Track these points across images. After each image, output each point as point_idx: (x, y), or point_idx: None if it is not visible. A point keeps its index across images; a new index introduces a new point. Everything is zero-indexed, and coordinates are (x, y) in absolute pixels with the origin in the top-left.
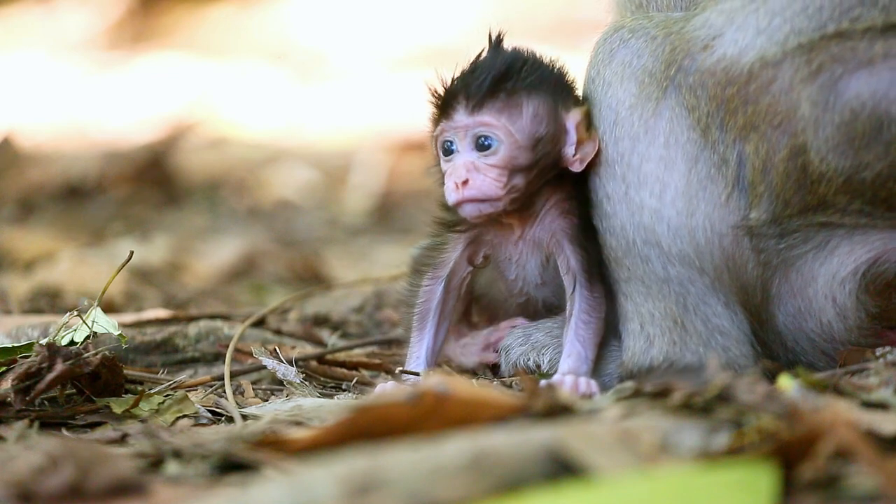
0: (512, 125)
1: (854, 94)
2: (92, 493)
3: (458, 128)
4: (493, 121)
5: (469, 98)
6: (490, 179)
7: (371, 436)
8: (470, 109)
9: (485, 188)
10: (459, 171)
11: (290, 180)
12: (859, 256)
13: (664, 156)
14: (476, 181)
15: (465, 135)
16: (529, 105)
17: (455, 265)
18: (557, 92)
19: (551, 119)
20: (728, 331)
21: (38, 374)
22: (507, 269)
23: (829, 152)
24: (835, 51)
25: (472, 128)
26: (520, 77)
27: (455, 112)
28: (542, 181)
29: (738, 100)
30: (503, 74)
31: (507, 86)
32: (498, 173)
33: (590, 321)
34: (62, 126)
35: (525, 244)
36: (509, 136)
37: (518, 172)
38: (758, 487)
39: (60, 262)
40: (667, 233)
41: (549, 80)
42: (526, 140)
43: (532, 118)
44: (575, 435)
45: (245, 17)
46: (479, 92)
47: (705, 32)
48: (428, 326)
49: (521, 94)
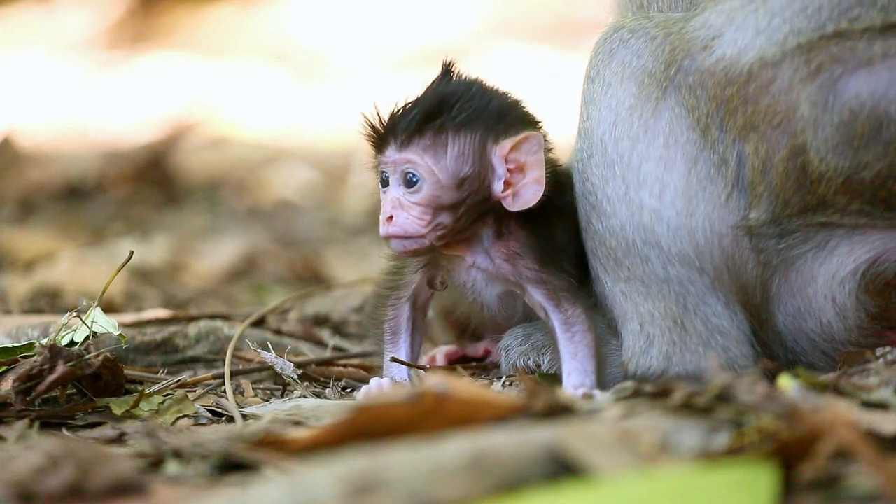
0: (435, 164)
1: (853, 93)
2: (92, 493)
3: (388, 162)
4: (418, 159)
5: (398, 134)
6: (412, 217)
7: (371, 436)
8: (398, 145)
9: (406, 225)
10: (386, 207)
11: (290, 180)
12: (859, 256)
13: (664, 156)
14: (399, 218)
15: (395, 170)
16: (455, 144)
17: (417, 287)
18: (489, 127)
19: (477, 157)
20: (728, 331)
21: (40, 375)
22: (465, 292)
23: (828, 152)
24: (834, 51)
25: (399, 164)
26: (450, 115)
27: (387, 147)
28: (473, 217)
29: (737, 100)
30: (432, 112)
31: (434, 123)
32: (421, 211)
33: (574, 335)
34: (62, 126)
35: (478, 273)
36: (432, 175)
37: (443, 210)
38: (758, 487)
39: (60, 262)
40: (666, 233)
41: (482, 116)
42: (449, 179)
43: (456, 157)
44: (575, 435)
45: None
46: (408, 129)
47: (705, 33)
48: (402, 338)
49: (448, 133)
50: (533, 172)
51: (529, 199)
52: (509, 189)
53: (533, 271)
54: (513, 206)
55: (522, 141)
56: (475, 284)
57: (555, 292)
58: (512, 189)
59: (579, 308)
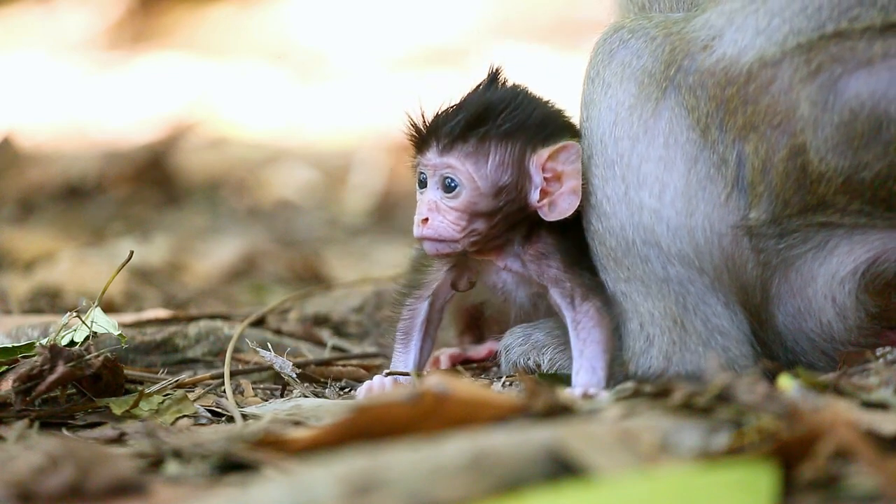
0: (476, 172)
1: (853, 93)
2: (92, 493)
3: (428, 165)
4: (459, 165)
5: (441, 138)
6: (448, 222)
7: (371, 436)
8: (440, 150)
9: (441, 230)
10: (422, 209)
11: (290, 180)
12: (858, 256)
13: (664, 156)
14: (434, 221)
15: (434, 173)
16: (497, 153)
17: (438, 287)
18: (530, 137)
19: (517, 167)
20: (728, 331)
21: (40, 375)
22: (495, 294)
23: (828, 152)
24: (834, 51)
25: (439, 168)
26: (494, 123)
27: (428, 149)
28: (508, 225)
29: (737, 100)
30: (477, 119)
31: (478, 131)
32: (457, 216)
33: (581, 332)
34: (62, 126)
35: (509, 276)
36: (471, 182)
37: (479, 217)
38: (758, 487)
39: (60, 262)
40: (666, 233)
41: (524, 126)
42: (488, 188)
43: (497, 166)
44: (575, 435)
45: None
46: (451, 134)
47: (705, 33)
48: (413, 341)
49: (491, 141)
50: (570, 182)
51: (566, 209)
52: (546, 199)
53: (555, 271)
54: (549, 215)
55: (560, 150)
56: (506, 286)
57: (569, 290)
58: (548, 199)
59: (591, 305)
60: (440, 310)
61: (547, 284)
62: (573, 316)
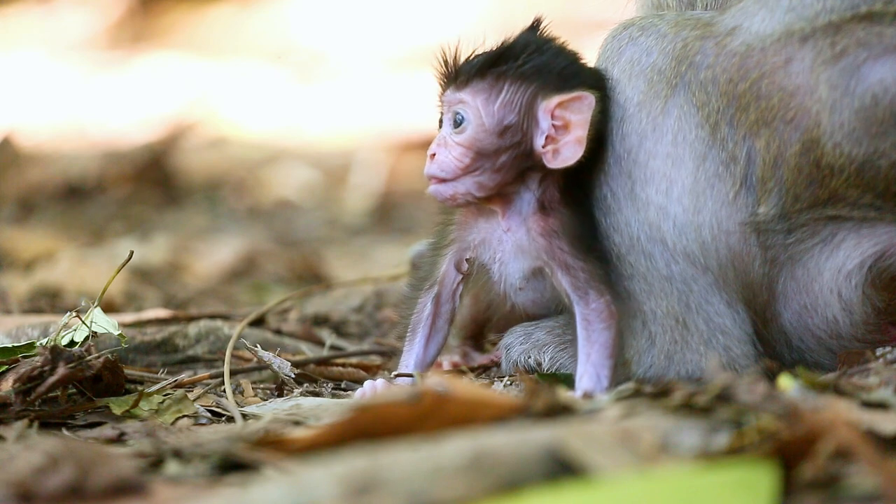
0: (484, 108)
1: (878, 79)
2: (92, 493)
3: (445, 101)
4: (469, 99)
5: (459, 74)
6: (452, 157)
7: (371, 436)
8: (457, 85)
9: (445, 164)
10: (433, 145)
11: (290, 180)
12: (865, 250)
13: (672, 153)
14: (440, 156)
15: (449, 109)
16: (508, 92)
17: (444, 275)
18: (546, 82)
19: (526, 110)
20: (730, 330)
21: (40, 376)
22: (491, 270)
23: (843, 138)
24: (861, 35)
25: (453, 104)
26: (514, 63)
27: (448, 87)
28: (515, 170)
29: (749, 95)
30: (497, 58)
31: (495, 70)
32: (462, 152)
33: (591, 334)
34: (62, 126)
35: (509, 242)
36: (478, 118)
37: (483, 156)
38: (758, 487)
39: (60, 262)
40: (672, 230)
41: (543, 71)
42: (493, 125)
43: (505, 105)
44: (575, 435)
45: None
46: (470, 70)
47: (733, 20)
48: (417, 338)
49: (506, 80)
50: (576, 132)
51: (568, 158)
52: (550, 145)
53: (565, 253)
54: (552, 162)
55: (573, 100)
56: (503, 256)
57: (583, 282)
58: (553, 146)
59: (604, 302)
60: (449, 300)
61: (555, 267)
62: (584, 312)
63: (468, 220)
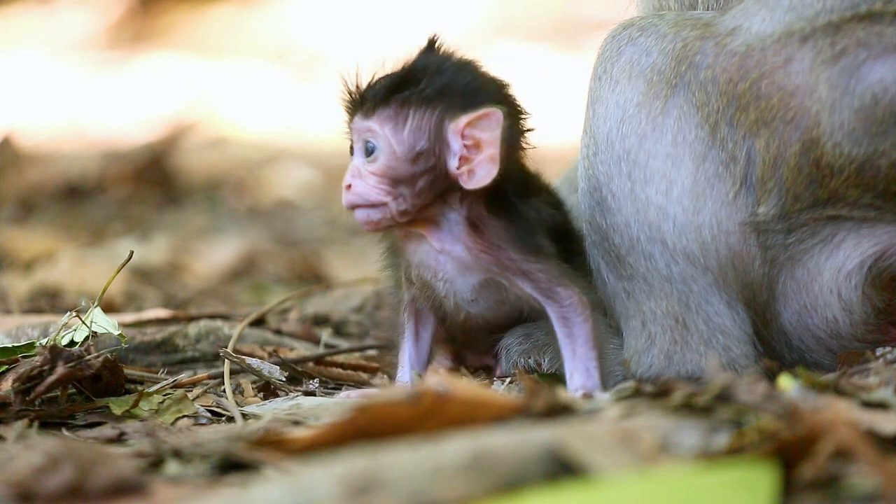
0: (393, 136)
1: (877, 78)
2: (92, 493)
3: (354, 129)
4: (378, 128)
5: (364, 102)
6: (370, 186)
7: (371, 436)
8: (364, 113)
9: (364, 193)
10: (347, 175)
11: (290, 180)
12: (865, 250)
13: (671, 153)
14: (357, 187)
15: (359, 137)
16: (415, 118)
17: (405, 285)
18: (451, 103)
19: (435, 133)
20: (729, 330)
21: (39, 376)
22: (436, 286)
23: (843, 138)
24: (861, 35)
25: (363, 132)
26: (416, 88)
27: (356, 114)
28: (433, 193)
29: (749, 95)
30: (400, 83)
31: (399, 96)
32: (377, 181)
33: (572, 330)
34: (62, 126)
35: (447, 259)
36: (388, 146)
37: (400, 183)
38: (758, 487)
39: (60, 262)
40: (672, 230)
41: (446, 92)
42: (404, 152)
43: (413, 131)
44: (575, 435)
45: (245, 17)
46: (375, 98)
47: (733, 21)
48: (407, 339)
49: (411, 106)
50: (488, 150)
51: (483, 178)
52: (465, 166)
53: (517, 262)
54: (468, 183)
55: (480, 118)
56: (446, 274)
57: (545, 282)
58: (467, 166)
59: (574, 295)
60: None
61: (512, 277)
62: (559, 311)
63: (403, 243)
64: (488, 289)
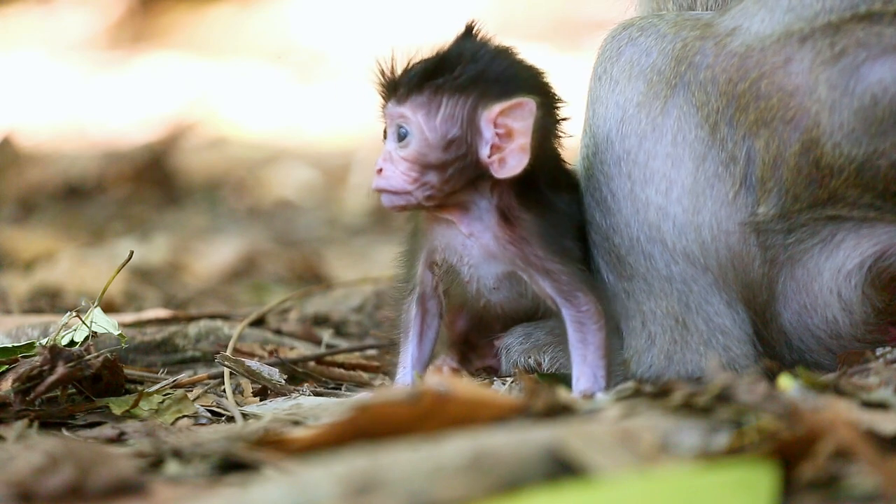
0: (426, 122)
1: (877, 79)
2: (92, 493)
3: (388, 115)
4: (410, 114)
5: (399, 88)
6: (399, 172)
7: (371, 436)
8: (398, 99)
9: (393, 180)
10: (379, 159)
11: (290, 180)
12: (865, 250)
13: (671, 153)
14: (387, 171)
15: (392, 123)
16: (448, 105)
17: (421, 277)
18: (485, 91)
19: (468, 121)
20: (729, 330)
21: (39, 376)
22: (461, 271)
23: (843, 138)
24: (860, 35)
25: (395, 118)
26: (451, 75)
27: (390, 99)
28: (463, 180)
29: (749, 95)
30: (435, 70)
31: (434, 82)
32: (407, 167)
33: (585, 336)
34: (62, 126)
35: (474, 244)
36: (421, 133)
37: (430, 169)
38: (758, 487)
39: (60, 262)
40: (672, 230)
41: (480, 80)
42: (437, 139)
43: (447, 118)
44: (575, 435)
45: (245, 17)
46: (409, 84)
47: (732, 21)
48: (410, 337)
49: (444, 93)
50: (520, 139)
51: (514, 167)
52: (496, 154)
53: (542, 259)
54: (498, 172)
55: (513, 107)
56: (472, 259)
57: (567, 285)
58: (498, 155)
59: (592, 302)
60: (433, 298)
61: (534, 273)
62: (576, 315)
63: (431, 225)
64: (510, 280)
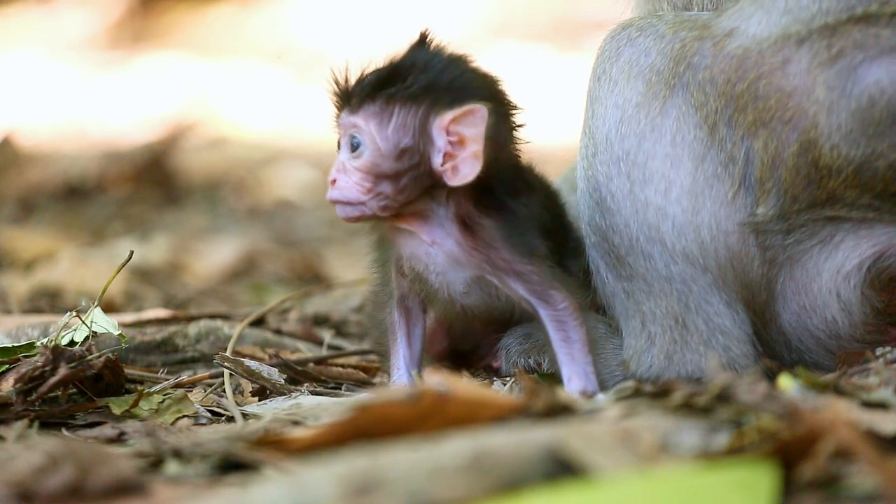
0: (378, 132)
1: (874, 80)
2: (92, 493)
3: (341, 124)
4: (363, 124)
5: (352, 98)
6: (353, 182)
7: (371, 436)
8: (350, 109)
9: (346, 191)
10: (332, 169)
11: (290, 180)
12: (864, 251)
13: (670, 153)
14: (341, 182)
15: (345, 133)
16: (400, 114)
17: (396, 280)
18: (436, 100)
19: (420, 130)
20: (729, 330)
21: (41, 376)
22: (429, 279)
23: (841, 140)
24: (857, 37)
25: (348, 128)
26: (403, 84)
27: (343, 109)
28: (418, 189)
29: (747, 96)
30: (387, 79)
31: (386, 92)
32: (361, 177)
33: (568, 334)
34: (62, 126)
35: (438, 252)
36: (373, 143)
37: (383, 179)
38: (758, 487)
39: (60, 262)
40: (671, 230)
41: (432, 88)
42: (389, 149)
43: (398, 128)
44: (575, 435)
45: (245, 17)
46: (361, 94)
47: (729, 23)
48: (399, 339)
49: (396, 102)
50: (472, 146)
51: (467, 175)
52: (449, 162)
53: (510, 262)
54: (452, 180)
55: (464, 114)
56: (437, 267)
57: (539, 285)
58: (451, 163)
59: (568, 299)
60: (413, 297)
61: (504, 276)
62: (554, 314)
63: (394, 235)
64: (479, 284)
